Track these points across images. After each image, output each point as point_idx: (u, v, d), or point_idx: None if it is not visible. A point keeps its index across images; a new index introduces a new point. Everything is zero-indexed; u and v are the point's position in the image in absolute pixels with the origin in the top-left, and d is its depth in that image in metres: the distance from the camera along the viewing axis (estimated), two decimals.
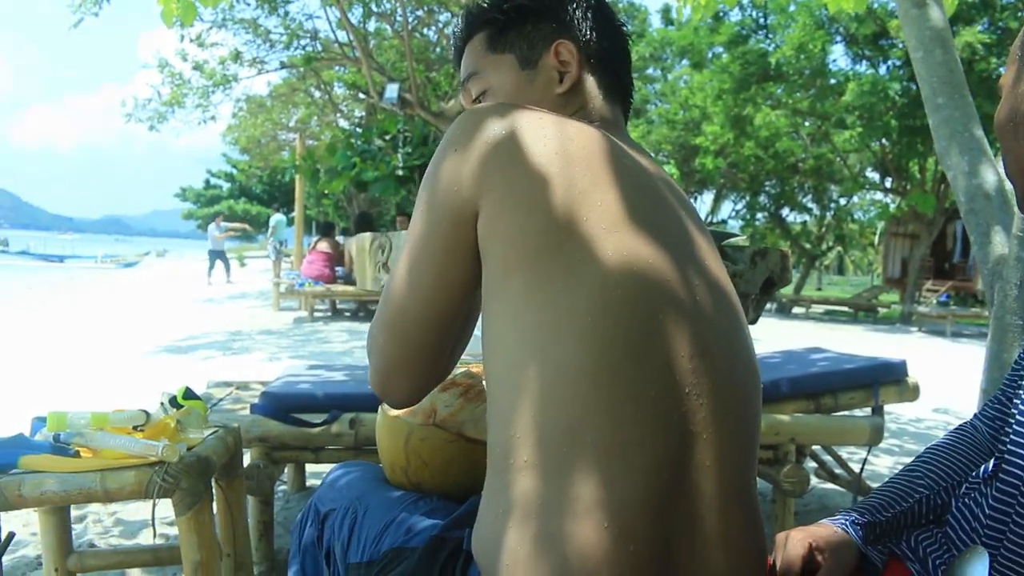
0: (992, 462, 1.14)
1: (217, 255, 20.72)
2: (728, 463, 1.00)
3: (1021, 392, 1.14)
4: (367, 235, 1.94)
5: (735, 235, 4.70)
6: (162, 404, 2.15)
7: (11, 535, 1.07)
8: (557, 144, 1.03)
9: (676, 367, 0.96)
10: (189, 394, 2.23)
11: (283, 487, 3.70)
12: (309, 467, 3.87)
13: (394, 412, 1.54)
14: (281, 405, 2.75)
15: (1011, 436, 1.10)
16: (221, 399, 3.03)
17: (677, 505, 0.93)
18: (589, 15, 1.28)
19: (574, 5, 1.28)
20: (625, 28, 1.35)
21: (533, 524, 0.90)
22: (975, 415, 1.41)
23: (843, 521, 1.26)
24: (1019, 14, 15.49)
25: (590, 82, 1.27)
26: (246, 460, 2.64)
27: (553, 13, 1.27)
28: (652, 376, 0.94)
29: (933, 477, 1.31)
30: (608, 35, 1.29)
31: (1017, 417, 1.10)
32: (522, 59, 1.27)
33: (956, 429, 1.41)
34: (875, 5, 16.77)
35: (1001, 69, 14.64)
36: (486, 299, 1.02)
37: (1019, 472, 1.03)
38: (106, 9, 13.00)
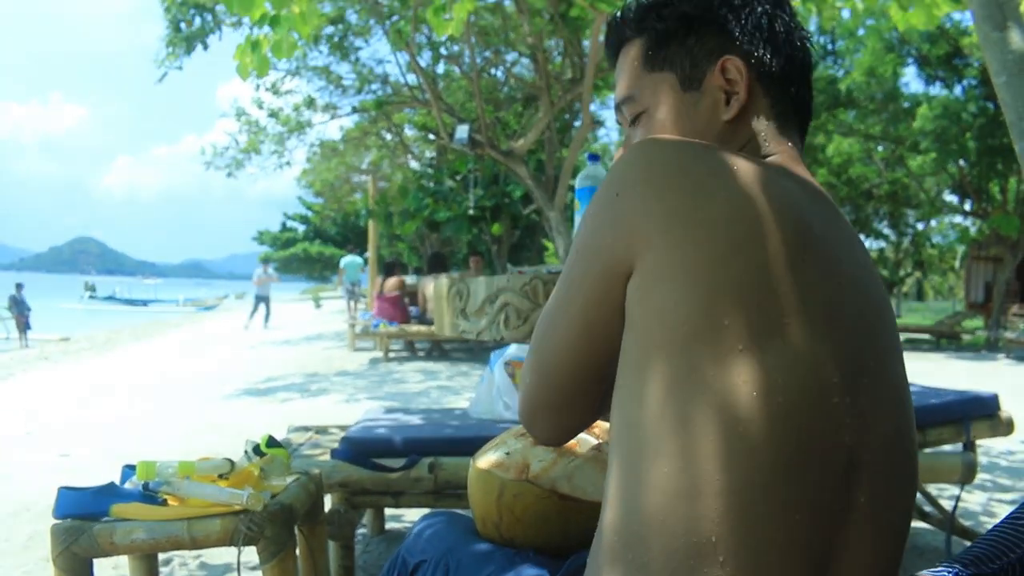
0: None
1: (261, 299, 20.66)
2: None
3: None
4: (444, 281, 1.96)
5: None
6: (246, 452, 2.18)
7: None
8: (737, 204, 0.89)
9: (827, 487, 0.86)
10: (272, 442, 2.26)
11: (363, 531, 3.72)
12: (388, 511, 3.88)
13: (485, 466, 1.53)
14: (361, 450, 2.77)
15: None
16: (301, 444, 3.07)
17: None
18: (763, 24, 1.09)
19: (746, 12, 1.09)
20: (808, 40, 1.15)
21: None
22: None
23: (945, 573, 1.20)
24: None
25: (761, 105, 1.08)
26: (327, 505, 2.66)
27: (720, 23, 1.09)
28: (800, 498, 0.84)
29: None
30: (786, 49, 1.10)
31: None
32: (684, 78, 1.09)
33: None
34: (947, 24, 16.45)
35: None
36: (624, 366, 0.92)
37: None
38: (187, 62, 13.49)
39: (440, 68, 17.71)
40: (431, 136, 19.89)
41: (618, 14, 1.19)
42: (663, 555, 0.83)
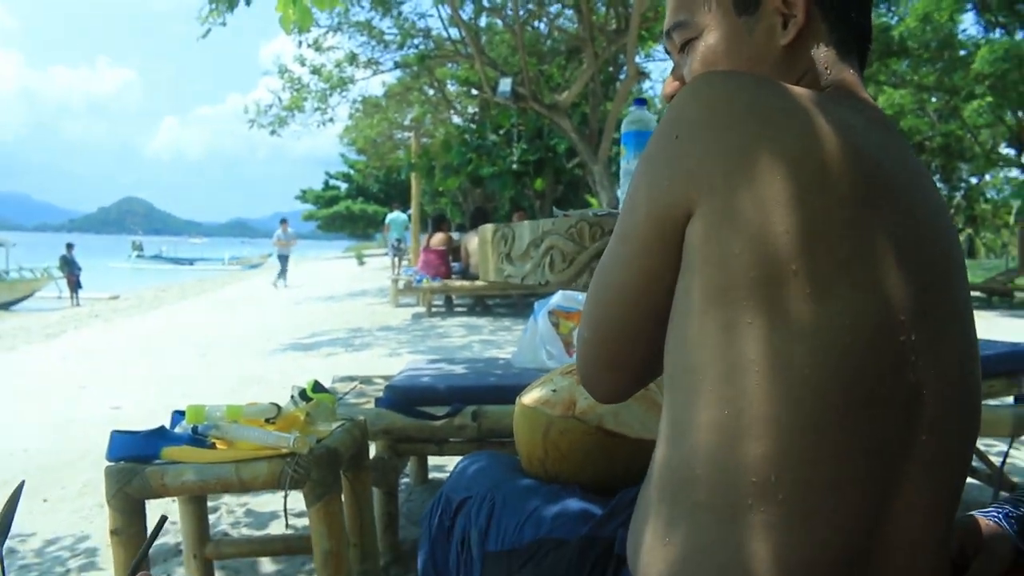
0: None
1: (283, 259, 20.81)
2: (928, 525, 0.89)
3: None
4: (489, 226, 1.94)
5: None
6: (292, 397, 2.20)
7: (164, 518, 1.09)
8: (805, 144, 0.85)
9: (889, 426, 0.85)
10: (318, 387, 2.27)
11: (406, 480, 3.75)
12: (432, 460, 3.91)
13: (531, 403, 1.52)
14: (405, 398, 2.78)
15: None
16: (346, 393, 3.09)
17: (866, 571, 0.85)
18: None
19: None
20: None
21: (701, 568, 0.84)
22: None
23: (995, 514, 1.17)
24: None
25: (820, 30, 1.02)
26: (371, 453, 2.67)
27: None
28: (861, 436, 0.83)
29: None
30: None
31: None
32: (739, 2, 1.03)
33: None
34: None
35: None
36: (680, 311, 0.90)
37: None
38: (230, 20, 13.50)
39: (483, 21, 17.57)
40: (474, 91, 19.77)
41: None
42: (720, 493, 0.83)
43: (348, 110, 21.75)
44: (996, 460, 3.61)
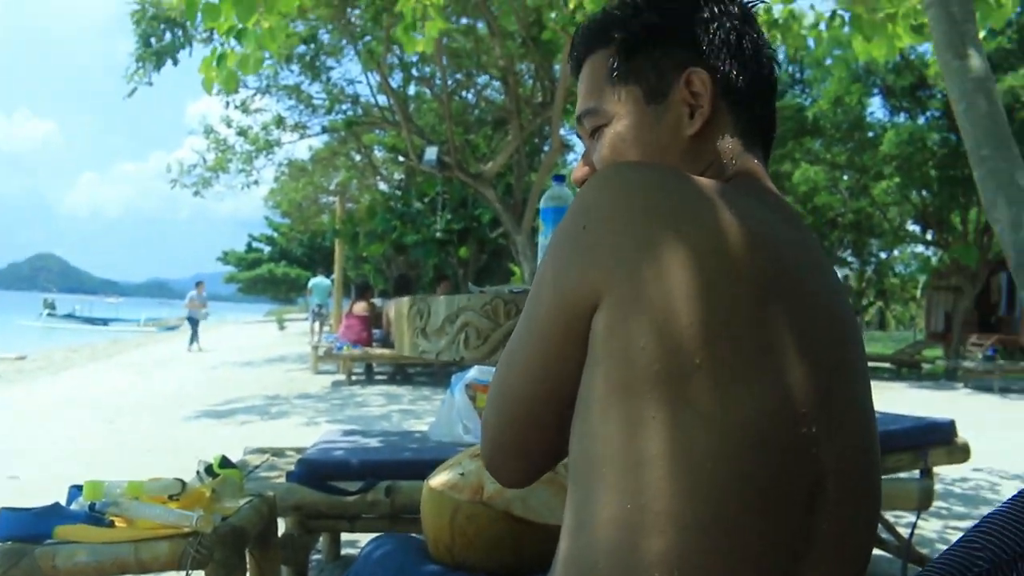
0: None
1: (193, 322, 20.25)
2: None
3: None
4: (405, 300, 1.93)
5: None
6: (198, 473, 2.14)
7: None
8: (710, 238, 0.87)
9: (791, 518, 0.85)
10: (225, 462, 2.21)
11: (318, 556, 3.65)
12: (345, 536, 3.82)
13: (439, 487, 1.50)
14: (317, 473, 2.72)
15: None
16: (257, 466, 3.01)
17: None
18: (731, 40, 1.06)
19: (715, 26, 1.06)
20: (775, 60, 1.13)
21: None
22: None
23: None
24: None
25: (726, 122, 1.06)
26: (281, 529, 2.60)
27: (688, 36, 1.06)
28: (763, 531, 0.83)
29: (993, 548, 1.24)
30: (752, 67, 1.08)
31: None
32: (648, 91, 1.06)
33: (1016, 497, 1.34)
34: (912, 55, 16.76)
35: None
36: (585, 401, 0.89)
37: None
38: (157, 78, 13.41)
39: (411, 89, 17.74)
40: (400, 158, 19.85)
41: (584, 24, 1.16)
42: None
43: (274, 173, 21.65)
44: (904, 532, 3.68)
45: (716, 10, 1.07)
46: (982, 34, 4.38)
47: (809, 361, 0.88)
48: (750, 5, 1.11)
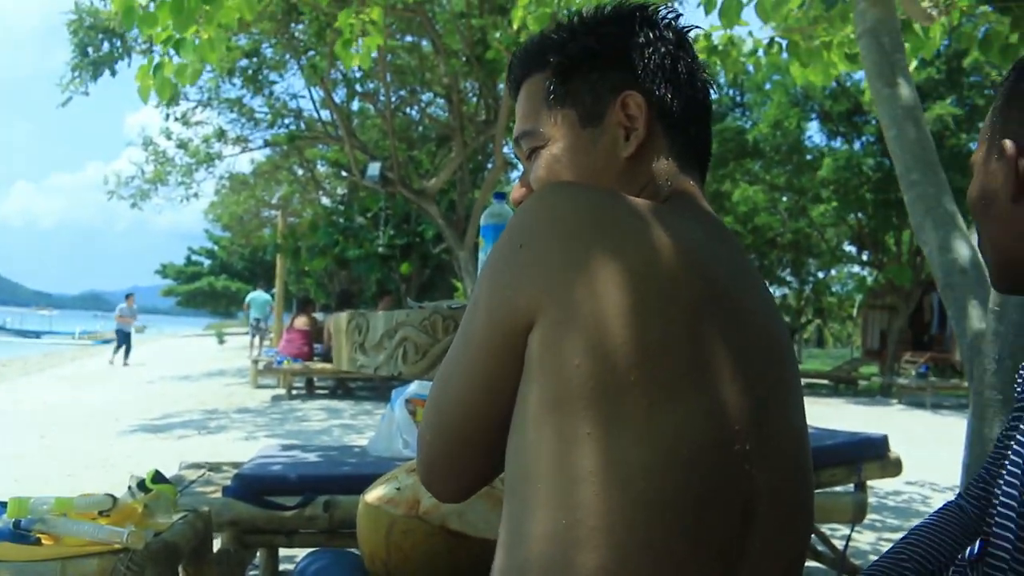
0: (978, 543, 1.11)
1: (123, 335, 19.74)
2: None
3: (1004, 471, 1.12)
4: (344, 314, 1.93)
5: None
6: (130, 488, 2.09)
7: None
8: (645, 257, 0.88)
9: (723, 536, 0.86)
10: (158, 477, 2.17)
11: (254, 572, 3.60)
12: (283, 551, 3.76)
13: (375, 501, 1.49)
14: (253, 488, 2.69)
15: (995, 517, 1.07)
16: (193, 481, 2.96)
17: None
18: (666, 64, 1.08)
19: (650, 51, 1.07)
20: (710, 83, 1.14)
21: None
22: (959, 494, 1.39)
23: None
24: (985, 91, 15.93)
25: (661, 144, 1.07)
26: (217, 545, 2.56)
27: (624, 59, 1.07)
28: (696, 549, 0.84)
29: (919, 560, 1.28)
30: (687, 90, 1.09)
31: (1001, 497, 1.08)
32: (584, 114, 1.07)
33: (942, 509, 1.39)
34: (848, 82, 17.18)
35: (971, 144, 15.01)
36: (521, 417, 0.89)
37: (1005, 555, 1.00)
38: (94, 88, 13.18)
39: (355, 105, 17.67)
40: (343, 173, 19.76)
41: (521, 47, 1.17)
42: None
43: (214, 186, 21.35)
44: (839, 544, 3.75)
45: (652, 35, 1.08)
46: (913, 64, 4.54)
47: (744, 379, 0.89)
48: (685, 30, 1.13)
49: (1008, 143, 1.02)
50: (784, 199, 21.38)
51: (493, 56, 10.66)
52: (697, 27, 1.15)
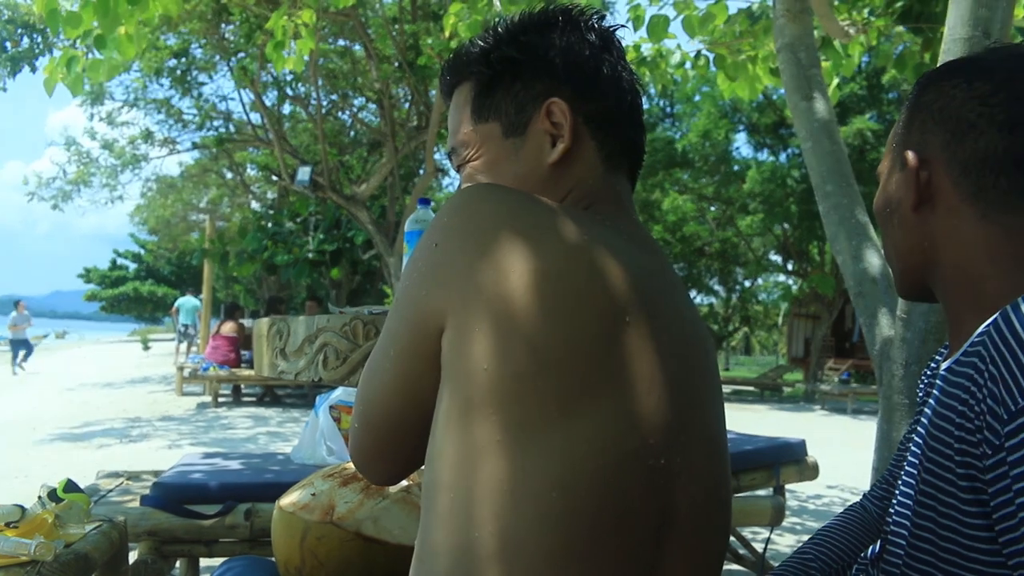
0: (878, 543, 1.15)
1: (19, 344, 19.13)
2: None
3: (903, 473, 1.16)
4: (265, 320, 1.91)
5: None
6: (40, 498, 2.04)
7: None
8: (560, 263, 0.87)
9: (638, 548, 0.85)
10: (71, 487, 2.12)
11: None
12: (204, 562, 3.70)
13: (289, 507, 1.48)
14: (173, 496, 2.64)
15: (892, 516, 1.11)
16: (110, 491, 2.90)
17: None
18: (590, 68, 1.07)
19: (572, 55, 1.07)
20: (638, 84, 1.13)
21: None
22: (864, 495, 1.43)
23: None
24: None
25: (588, 148, 1.06)
26: (134, 556, 2.51)
27: (547, 67, 1.06)
28: (610, 560, 0.83)
29: (824, 560, 1.32)
30: (613, 92, 1.08)
31: (898, 497, 1.12)
32: (509, 124, 1.07)
33: (847, 510, 1.43)
34: (774, 96, 17.56)
35: None
36: (438, 419, 0.88)
37: (900, 552, 1.03)
38: (14, 85, 12.79)
39: (286, 108, 17.48)
40: (273, 177, 19.51)
41: (449, 58, 1.17)
42: None
43: (140, 188, 20.94)
44: (759, 547, 3.83)
45: (574, 39, 1.08)
46: (835, 81, 4.67)
47: (662, 390, 0.88)
48: (611, 29, 1.12)
49: (910, 154, 1.06)
50: (712, 209, 21.77)
51: (425, 62, 10.65)
52: (622, 25, 1.14)
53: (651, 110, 21.14)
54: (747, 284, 27.35)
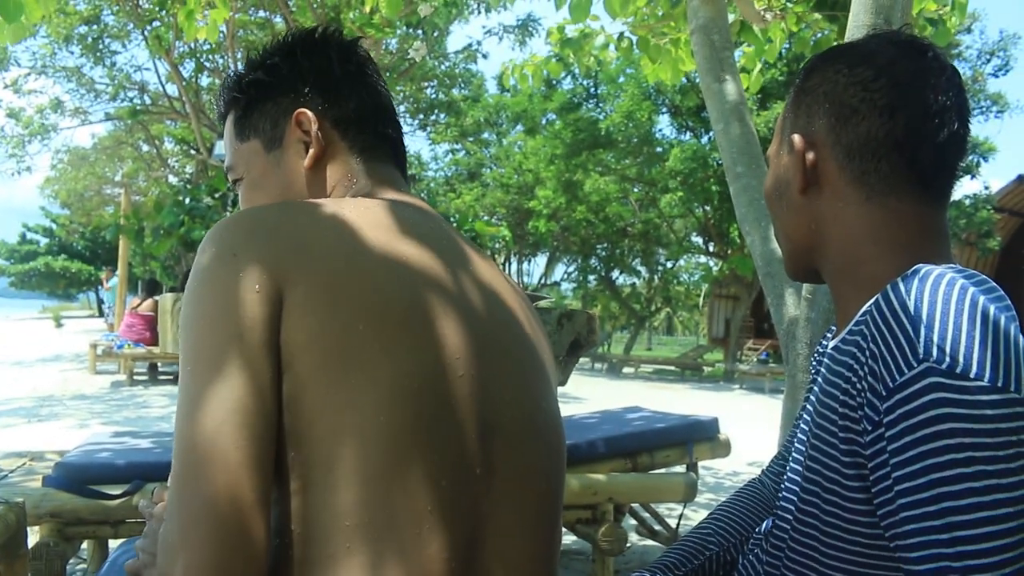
0: (771, 519, 1.18)
1: None
2: (526, 541, 0.99)
3: (792, 450, 1.20)
4: (169, 296, 1.87)
5: (541, 297, 4.82)
6: None
7: None
8: (341, 253, 0.95)
9: (469, 459, 0.94)
10: None
11: (82, 566, 3.46)
12: (113, 543, 3.62)
13: None
14: (78, 476, 2.57)
15: (783, 492, 1.14)
16: (11, 471, 2.81)
17: None
18: (332, 75, 1.18)
19: (314, 68, 1.18)
20: (378, 81, 1.24)
21: None
22: (762, 471, 1.47)
23: None
24: None
25: (341, 148, 1.18)
26: (36, 539, 2.44)
27: (291, 82, 1.18)
28: (441, 474, 0.91)
29: (722, 534, 1.35)
30: (357, 93, 1.20)
31: (788, 474, 1.15)
32: (267, 141, 1.19)
33: (746, 485, 1.47)
34: (696, 79, 17.80)
35: None
36: (291, 399, 0.90)
37: (787, 526, 1.06)
38: None
39: (204, 80, 17.08)
40: (192, 151, 19.08)
41: (221, 84, 1.28)
42: (320, 542, 0.88)
43: (51, 160, 20.26)
44: (673, 523, 3.91)
45: (316, 56, 1.19)
46: (759, 66, 4.74)
47: (459, 323, 0.98)
48: (352, 41, 1.23)
49: (797, 138, 1.09)
50: (635, 190, 21.98)
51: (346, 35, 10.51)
52: (362, 36, 1.25)
53: (575, 90, 21.21)
54: (669, 265, 27.76)
